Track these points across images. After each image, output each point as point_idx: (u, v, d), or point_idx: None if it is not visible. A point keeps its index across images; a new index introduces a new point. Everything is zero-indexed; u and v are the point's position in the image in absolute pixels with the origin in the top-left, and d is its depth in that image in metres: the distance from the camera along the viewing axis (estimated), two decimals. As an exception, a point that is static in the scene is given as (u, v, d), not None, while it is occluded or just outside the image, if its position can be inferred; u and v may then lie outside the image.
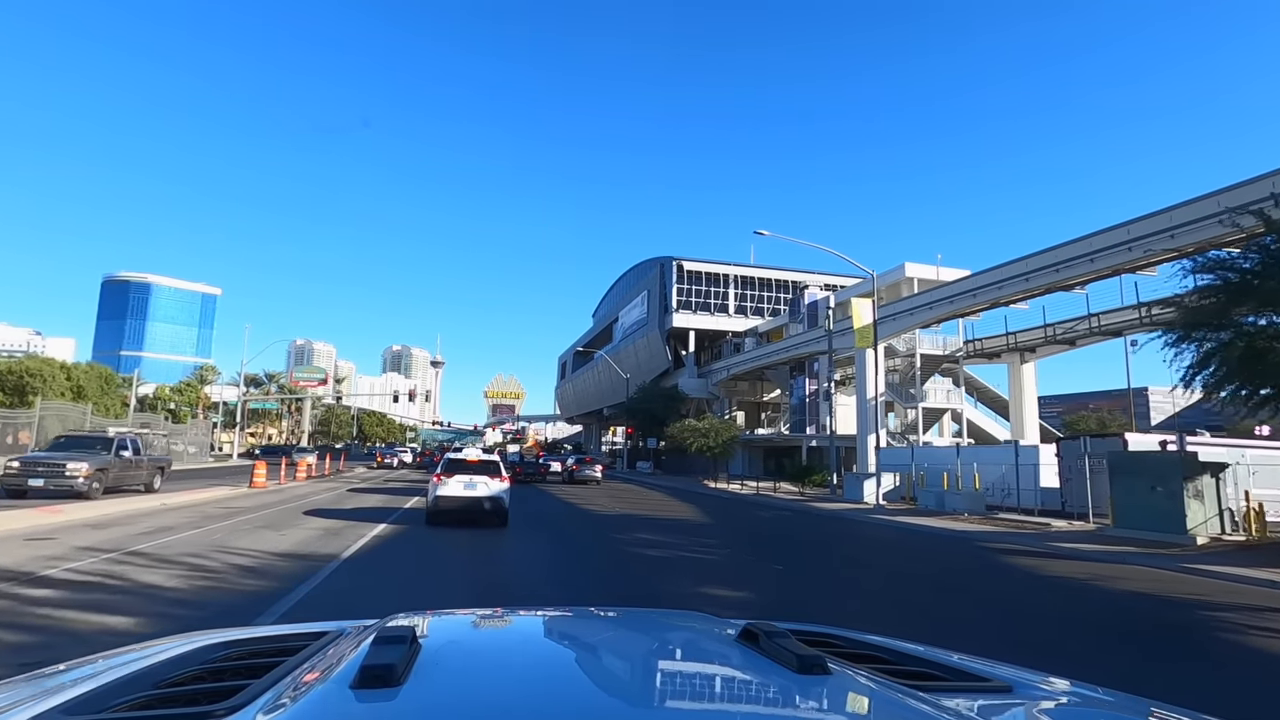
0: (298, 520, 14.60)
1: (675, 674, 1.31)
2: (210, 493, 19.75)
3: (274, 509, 16.84)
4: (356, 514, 16.80)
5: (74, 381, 44.98)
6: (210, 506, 16.49)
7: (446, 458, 17.58)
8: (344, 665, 1.08)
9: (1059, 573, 11.53)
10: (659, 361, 60.97)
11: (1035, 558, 13.35)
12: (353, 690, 0.94)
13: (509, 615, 1.88)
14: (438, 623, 1.61)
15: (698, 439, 41.87)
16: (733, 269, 59.98)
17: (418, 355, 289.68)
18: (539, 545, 13.28)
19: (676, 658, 1.46)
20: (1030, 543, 15.35)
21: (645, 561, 11.50)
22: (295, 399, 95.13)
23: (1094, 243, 22.87)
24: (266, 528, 12.82)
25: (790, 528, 18.06)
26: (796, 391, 48.64)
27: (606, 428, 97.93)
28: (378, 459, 49.95)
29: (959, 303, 29.08)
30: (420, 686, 0.99)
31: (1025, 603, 9.17)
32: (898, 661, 1.48)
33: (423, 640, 1.20)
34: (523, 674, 1.21)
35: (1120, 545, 14.48)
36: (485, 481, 16.21)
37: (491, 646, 1.52)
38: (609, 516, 19.05)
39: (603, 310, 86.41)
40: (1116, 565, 12.46)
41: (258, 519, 14.42)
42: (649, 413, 52.31)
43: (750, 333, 58.38)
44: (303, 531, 12.72)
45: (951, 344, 40.28)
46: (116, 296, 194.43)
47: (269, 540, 11.22)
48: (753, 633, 1.34)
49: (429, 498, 15.81)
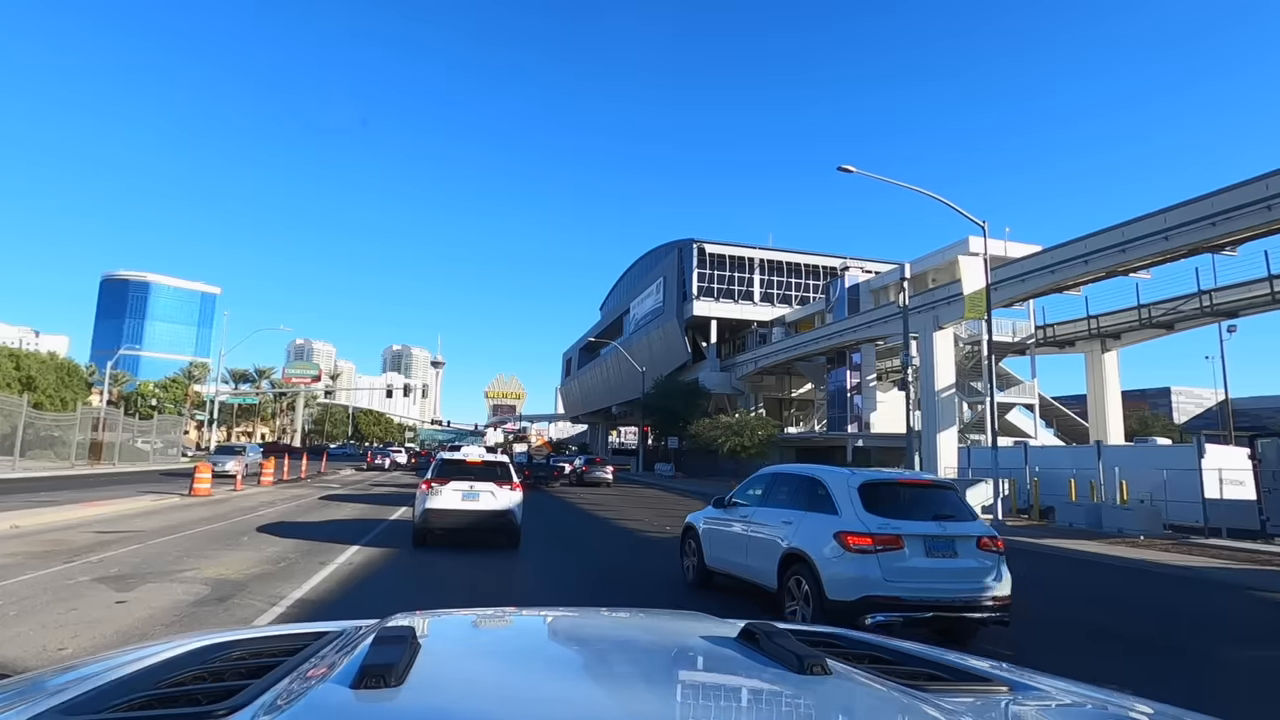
0: (219, 551, 9.72)
1: (675, 674, 1.30)
2: (123, 504, 14.77)
3: (191, 532, 11.87)
4: (320, 532, 12.26)
5: (24, 372, 40.01)
6: (84, 531, 11.39)
7: (440, 459, 12.90)
8: (344, 665, 1.07)
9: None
10: (677, 354, 55.83)
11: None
12: (353, 690, 0.94)
13: (509, 615, 1.92)
14: (438, 623, 1.61)
15: (730, 438, 36.71)
16: (758, 252, 54.91)
17: (418, 355, 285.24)
18: (576, 587, 8.72)
19: (677, 657, 1.42)
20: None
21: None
22: (281, 393, 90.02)
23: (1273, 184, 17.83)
24: (128, 576, 7.75)
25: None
26: (834, 385, 43.62)
27: (614, 427, 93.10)
28: (368, 459, 44.91)
29: (1064, 272, 24.00)
30: (420, 686, 0.98)
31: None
32: (898, 661, 1.46)
33: (423, 640, 1.19)
34: (523, 674, 1.21)
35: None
36: (491, 490, 11.72)
37: (491, 646, 1.52)
38: (659, 540, 14.06)
39: (611, 302, 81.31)
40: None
41: (140, 555, 9.37)
42: (668, 410, 47.13)
43: (777, 322, 53.39)
44: (218, 569, 8.10)
45: (1022, 329, 35.28)
46: (115, 295, 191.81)
47: (92, 609, 6.20)
48: (752, 633, 1.33)
49: (416, 511, 11.64)
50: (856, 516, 5.92)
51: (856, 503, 6.03)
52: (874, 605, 5.55)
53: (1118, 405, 34.59)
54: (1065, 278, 24.18)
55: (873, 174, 17.56)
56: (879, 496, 6.12)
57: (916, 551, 5.77)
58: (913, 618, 5.61)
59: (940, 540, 5.87)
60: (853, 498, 6.08)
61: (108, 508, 14.01)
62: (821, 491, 6.42)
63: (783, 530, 6.55)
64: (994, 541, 6.02)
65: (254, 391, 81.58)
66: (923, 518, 6.02)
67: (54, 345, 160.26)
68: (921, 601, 5.62)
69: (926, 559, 5.78)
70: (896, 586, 5.61)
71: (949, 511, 6.17)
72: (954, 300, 29.88)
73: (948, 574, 5.78)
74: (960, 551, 5.88)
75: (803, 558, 6.08)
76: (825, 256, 55.98)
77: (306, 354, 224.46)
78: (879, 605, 5.56)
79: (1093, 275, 23.46)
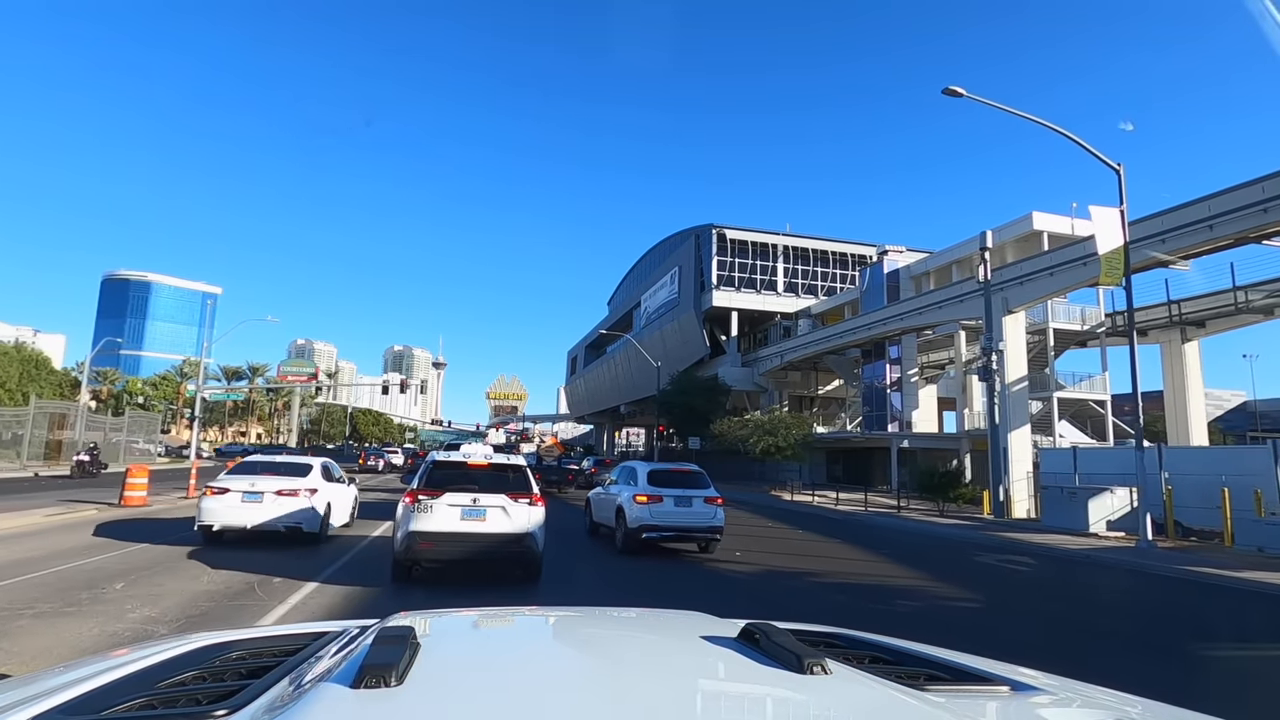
0: (89, 603, 5.95)
1: (675, 673, 1.28)
2: (14, 519, 11.03)
3: (76, 566, 8.16)
4: (269, 560, 9.05)
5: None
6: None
7: (431, 460, 9.17)
8: (344, 665, 1.06)
9: None
10: (694, 348, 51.95)
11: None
12: (353, 690, 0.93)
13: (510, 615, 1.92)
14: (438, 623, 1.60)
15: (763, 438, 32.80)
16: (782, 239, 51.03)
17: (420, 356, 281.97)
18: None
19: (676, 657, 1.40)
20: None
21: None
22: (272, 389, 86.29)
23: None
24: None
25: (1142, 605, 9.40)
26: (872, 379, 39.78)
27: (620, 428, 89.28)
28: (359, 461, 41.11)
29: (1188, 238, 19.96)
30: (420, 686, 0.97)
31: None
32: (898, 661, 1.45)
33: (423, 640, 1.17)
34: (523, 673, 1.20)
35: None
36: (502, 506, 8.31)
37: (492, 646, 1.50)
38: (739, 578, 10.36)
39: (620, 296, 77.45)
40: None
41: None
42: (688, 408, 43.19)
43: (802, 313, 49.53)
44: (49, 639, 4.24)
45: (1091, 316, 31.47)
46: (116, 295, 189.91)
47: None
48: (752, 633, 1.32)
49: (397, 535, 8.23)
50: (644, 487, 11.55)
51: (644, 480, 11.68)
52: (648, 529, 11.21)
53: (1200, 402, 30.76)
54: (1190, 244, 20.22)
55: (984, 99, 13.85)
56: (657, 478, 11.85)
57: (670, 503, 11.40)
58: (667, 535, 11.42)
59: (684, 498, 11.49)
60: (644, 478, 11.77)
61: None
62: (633, 475, 12.16)
63: (617, 495, 12.12)
64: (715, 500, 11.66)
65: (244, 389, 77.90)
66: (678, 487, 11.61)
67: (51, 345, 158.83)
68: (671, 527, 11.35)
69: (676, 507, 11.41)
70: (659, 520, 11.26)
71: (693, 484, 11.82)
72: (1028, 280, 26.12)
73: (687, 514, 11.44)
74: (694, 504, 11.51)
75: (621, 507, 11.68)
76: (854, 244, 52.14)
77: (308, 354, 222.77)
78: (650, 529, 11.22)
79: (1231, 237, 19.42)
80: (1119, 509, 16.28)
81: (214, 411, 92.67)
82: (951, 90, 13.36)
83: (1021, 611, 8.73)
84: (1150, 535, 13.63)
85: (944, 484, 22.16)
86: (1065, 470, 20.20)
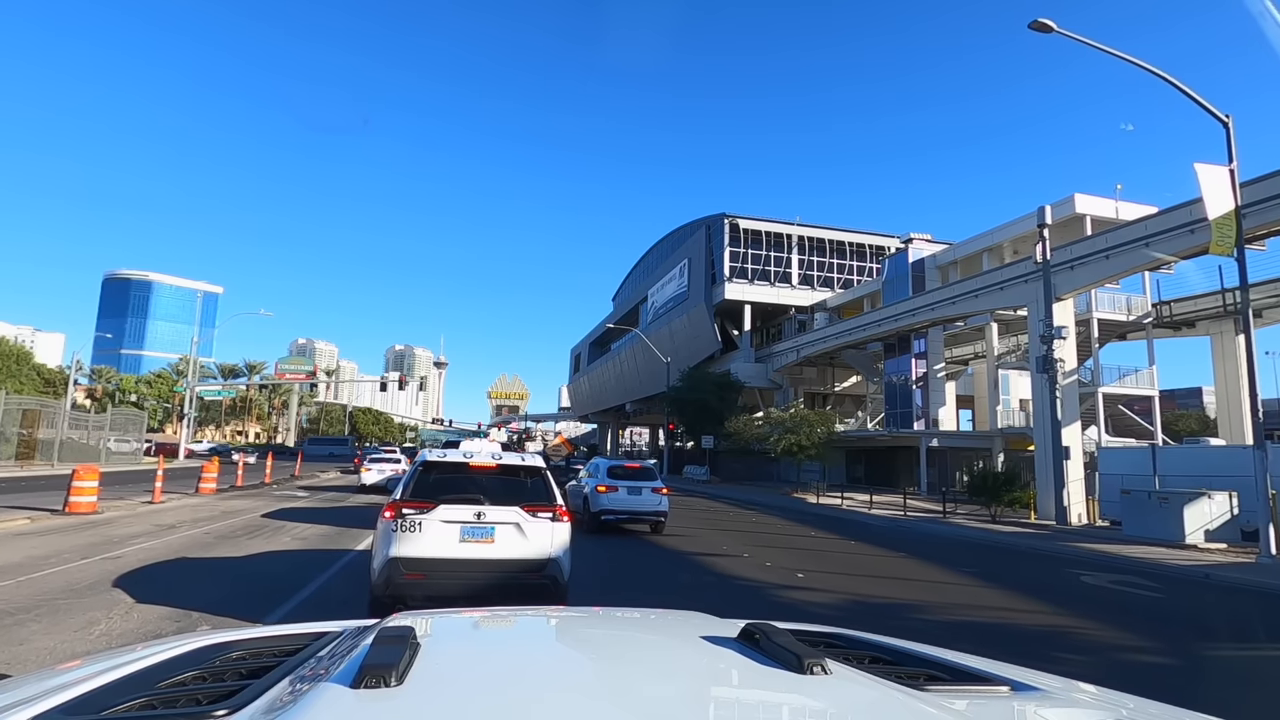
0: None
1: (675, 674, 1.27)
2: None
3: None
4: (217, 588, 7.33)
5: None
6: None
7: (420, 461, 6.92)
8: (344, 665, 1.06)
9: None
10: (705, 343, 49.88)
11: None
12: (353, 690, 0.93)
13: (510, 615, 1.88)
14: (438, 623, 1.59)
15: (784, 437, 30.69)
16: (797, 229, 48.94)
17: (421, 355, 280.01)
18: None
19: (676, 657, 1.39)
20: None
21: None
22: (264, 386, 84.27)
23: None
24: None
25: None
26: (892, 376, 37.68)
27: (625, 426, 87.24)
28: (356, 462, 38.96)
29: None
30: (420, 686, 0.97)
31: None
32: (898, 661, 1.44)
33: (423, 640, 1.17)
34: (523, 674, 1.19)
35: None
36: (518, 522, 6.23)
37: (492, 646, 1.49)
38: (822, 613, 8.31)
39: (626, 291, 75.37)
40: None
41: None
42: (700, 405, 41.04)
43: (819, 307, 47.51)
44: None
45: (1137, 306, 29.36)
46: (117, 294, 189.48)
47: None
48: (752, 633, 1.31)
49: (374, 562, 6.18)
50: (603, 479, 14.15)
51: (604, 473, 14.38)
52: (606, 512, 13.68)
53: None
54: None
55: (1080, 37, 11.77)
56: (614, 471, 14.49)
57: (624, 492, 13.87)
58: (621, 517, 13.83)
59: (635, 488, 13.96)
60: (604, 471, 14.52)
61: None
62: (598, 469, 14.85)
63: (584, 486, 14.62)
64: (661, 490, 14.17)
65: (240, 385, 75.89)
66: (630, 479, 14.17)
67: (50, 344, 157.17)
68: (624, 511, 13.81)
69: (628, 495, 13.87)
70: (615, 505, 13.77)
71: (644, 477, 14.39)
72: (1079, 265, 24.05)
73: (638, 501, 13.89)
74: (644, 492, 13.95)
75: (586, 496, 14.09)
76: (870, 234, 50.04)
77: (309, 353, 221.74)
78: (608, 512, 13.68)
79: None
80: (1218, 516, 14.18)
81: (210, 410, 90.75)
82: (1041, 24, 11.28)
83: (1235, 668, 6.58)
84: (1275, 549, 11.55)
85: (998, 486, 20.03)
86: (1135, 472, 18.09)
